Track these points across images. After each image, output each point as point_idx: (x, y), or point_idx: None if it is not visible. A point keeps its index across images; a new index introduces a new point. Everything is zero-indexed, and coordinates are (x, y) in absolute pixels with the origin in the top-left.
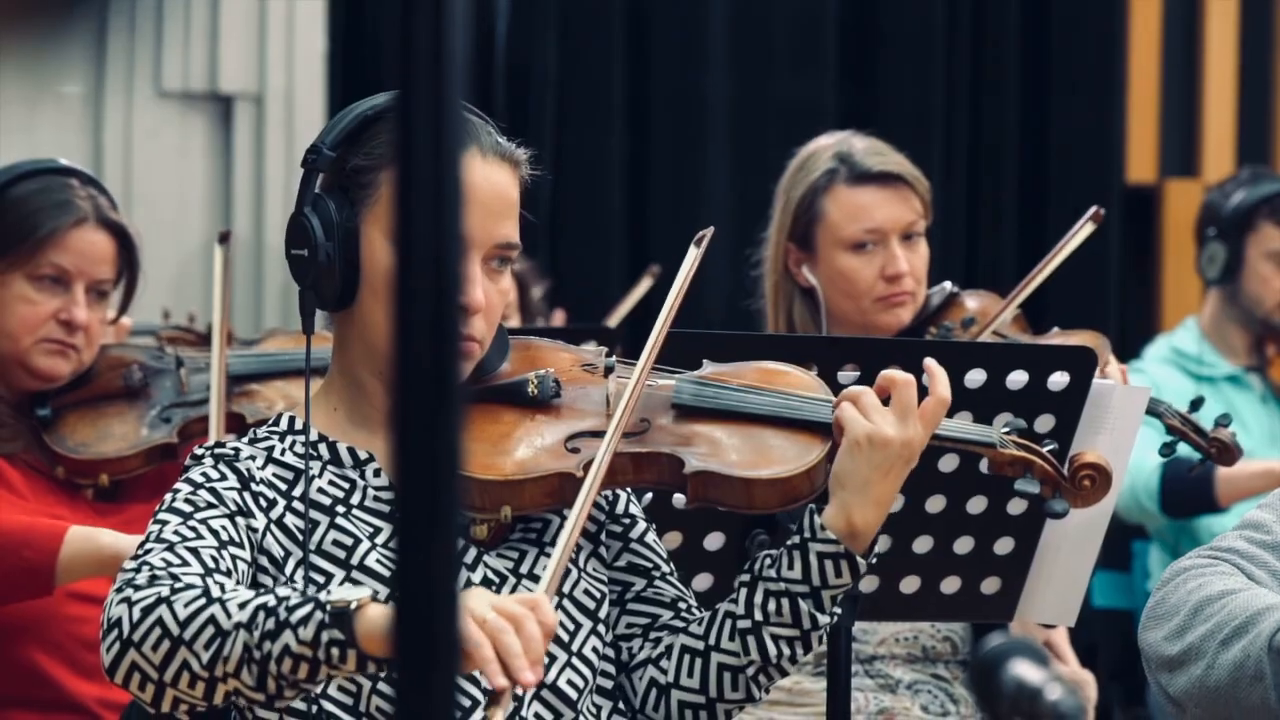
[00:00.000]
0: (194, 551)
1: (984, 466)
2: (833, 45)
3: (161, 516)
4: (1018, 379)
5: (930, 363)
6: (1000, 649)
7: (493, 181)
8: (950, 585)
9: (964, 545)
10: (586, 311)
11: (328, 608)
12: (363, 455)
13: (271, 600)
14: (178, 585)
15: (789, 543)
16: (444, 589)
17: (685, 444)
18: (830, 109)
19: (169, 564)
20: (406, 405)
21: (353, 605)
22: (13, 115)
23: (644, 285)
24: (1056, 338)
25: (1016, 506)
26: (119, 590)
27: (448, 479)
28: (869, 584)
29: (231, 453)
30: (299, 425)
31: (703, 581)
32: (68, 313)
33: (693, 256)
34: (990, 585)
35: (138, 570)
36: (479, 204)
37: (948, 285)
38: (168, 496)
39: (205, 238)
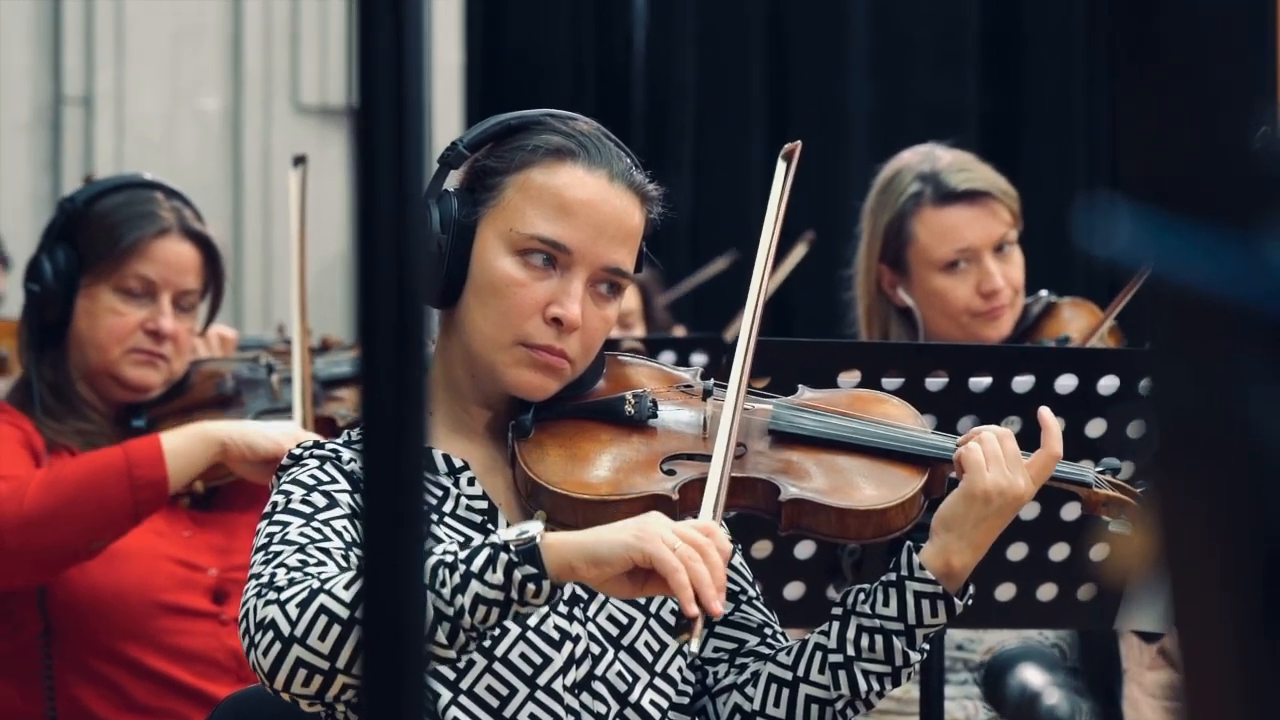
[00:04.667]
0: (326, 552)
1: (1077, 508)
2: (974, 47)
3: (280, 519)
4: (1109, 384)
5: (1045, 416)
6: (1009, 655)
7: (614, 206)
8: (1047, 592)
9: (1059, 552)
10: (728, 320)
11: (511, 547)
12: (458, 463)
13: (446, 556)
14: (325, 575)
15: (884, 579)
16: (410, 582)
17: (781, 470)
18: (973, 111)
19: (305, 563)
20: (372, 406)
21: (537, 539)
22: (152, 131)
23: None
24: None
25: None
26: (259, 594)
27: (411, 474)
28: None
29: (333, 454)
30: None
31: (794, 590)
32: (154, 322)
33: (782, 172)
34: (1086, 592)
35: (274, 573)
36: (594, 224)
37: (1044, 294)
38: (278, 499)
39: (343, 252)
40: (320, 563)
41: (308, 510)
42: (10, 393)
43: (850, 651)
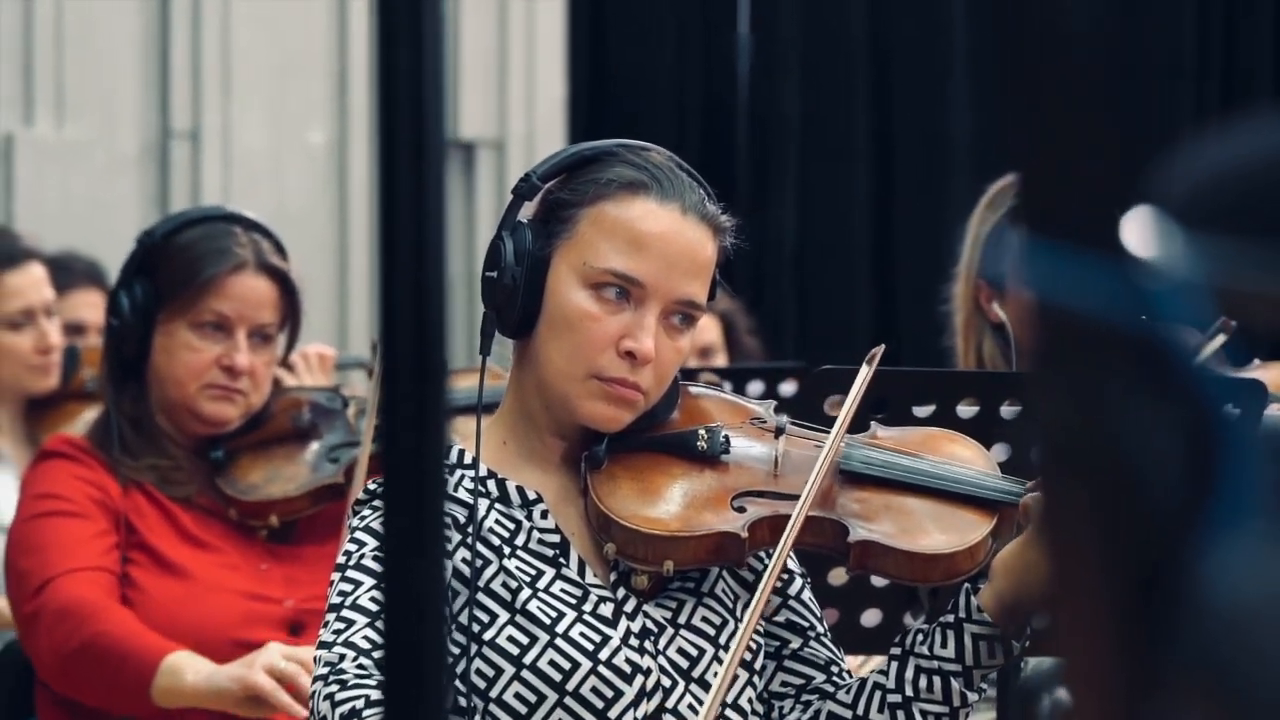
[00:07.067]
0: None
1: None
2: None
3: (353, 575)
4: None
5: None
6: (1041, 677)
7: (687, 239)
8: None
9: None
10: (832, 351)
11: None
12: (530, 495)
13: None
14: (374, 698)
15: (942, 620)
16: (431, 617)
17: (850, 511)
18: None
19: (373, 645)
20: (393, 438)
21: None
22: (259, 165)
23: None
24: (1255, 371)
25: None
26: (325, 680)
27: (432, 509)
28: (1040, 619)
29: None
30: (468, 459)
31: (871, 617)
32: (229, 358)
33: (863, 375)
34: None
35: (342, 654)
36: (667, 257)
37: None
38: (351, 547)
39: (455, 274)
40: None
41: (379, 568)
42: (91, 429)
43: (909, 692)
